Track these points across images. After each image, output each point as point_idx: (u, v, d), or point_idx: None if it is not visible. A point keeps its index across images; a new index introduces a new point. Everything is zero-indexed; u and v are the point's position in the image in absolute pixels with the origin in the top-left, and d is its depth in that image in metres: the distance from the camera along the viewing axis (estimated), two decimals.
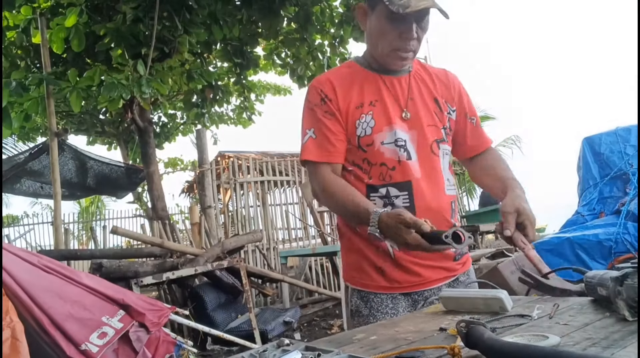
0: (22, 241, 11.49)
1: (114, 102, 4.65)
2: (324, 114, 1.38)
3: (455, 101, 1.47)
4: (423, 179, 1.36)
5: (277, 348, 0.99)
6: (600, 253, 3.72)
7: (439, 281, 1.43)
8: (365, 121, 1.37)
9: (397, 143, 1.36)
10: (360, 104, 1.38)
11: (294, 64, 6.38)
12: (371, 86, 1.41)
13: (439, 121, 1.42)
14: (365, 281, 1.42)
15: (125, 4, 4.59)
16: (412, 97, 1.41)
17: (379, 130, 1.36)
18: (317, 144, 1.37)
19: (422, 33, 1.35)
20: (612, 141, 4.66)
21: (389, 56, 1.38)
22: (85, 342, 2.38)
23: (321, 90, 1.40)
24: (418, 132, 1.38)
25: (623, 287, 0.93)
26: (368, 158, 1.37)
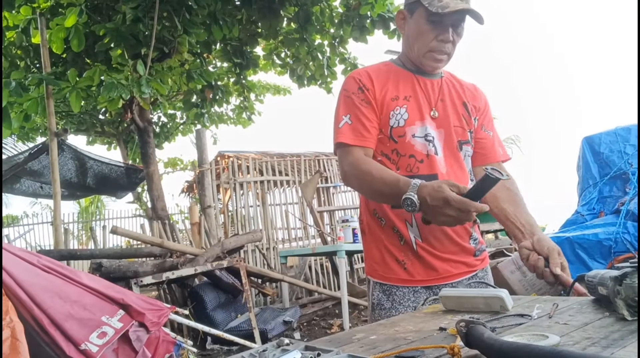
0: (22, 241, 11.50)
1: (114, 102, 4.65)
2: (360, 102, 1.43)
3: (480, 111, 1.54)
4: (449, 174, 1.42)
5: (277, 347, 0.99)
6: (600, 252, 3.73)
7: (459, 276, 1.47)
8: (399, 113, 1.43)
9: (427, 137, 1.42)
10: (396, 96, 1.44)
11: (293, 64, 6.39)
12: (406, 82, 1.47)
13: (466, 124, 1.48)
14: (388, 275, 1.46)
15: (125, 4, 4.58)
16: (442, 98, 1.48)
17: (412, 123, 1.42)
18: (352, 129, 1.42)
19: (458, 38, 1.42)
20: (611, 141, 4.66)
21: (425, 57, 1.44)
22: (85, 342, 2.38)
23: (359, 79, 1.46)
24: (445, 131, 1.44)
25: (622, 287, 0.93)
26: (398, 148, 1.42)
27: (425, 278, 1.44)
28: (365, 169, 1.35)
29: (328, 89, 6.44)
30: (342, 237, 5.18)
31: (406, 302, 1.45)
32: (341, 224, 5.49)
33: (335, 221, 7.02)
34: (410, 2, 1.44)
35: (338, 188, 7.69)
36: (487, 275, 1.57)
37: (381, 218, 1.45)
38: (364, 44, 5.80)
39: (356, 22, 5.67)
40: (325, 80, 6.32)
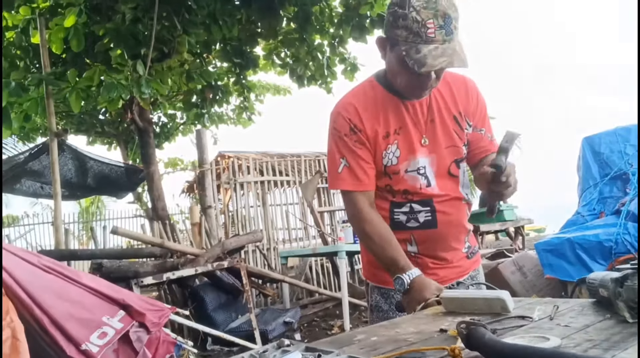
0: (22, 241, 11.49)
1: (114, 102, 4.65)
2: (354, 144, 1.42)
3: (471, 114, 1.49)
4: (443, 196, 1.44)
5: (278, 348, 0.99)
6: (601, 253, 3.72)
7: (454, 279, 1.52)
8: (391, 151, 1.42)
9: (419, 171, 1.43)
10: (387, 133, 1.42)
11: (293, 64, 6.38)
12: (394, 112, 1.43)
13: (459, 140, 1.46)
14: (386, 278, 1.48)
15: (125, 4, 4.58)
16: (432, 118, 1.43)
17: (404, 159, 1.42)
18: (351, 174, 1.42)
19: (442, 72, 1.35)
20: (611, 141, 4.66)
21: (406, 92, 1.40)
22: (86, 342, 2.38)
23: (349, 119, 1.42)
24: (437, 156, 1.43)
25: (623, 289, 0.93)
26: (392, 184, 1.45)
27: None
28: (368, 231, 1.42)
29: (328, 89, 6.43)
30: (342, 237, 5.18)
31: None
32: (342, 224, 5.49)
33: (336, 221, 7.02)
34: (390, 36, 1.32)
35: None
36: (478, 273, 1.59)
37: None
38: (364, 44, 5.79)
39: (356, 22, 5.66)
40: (325, 80, 6.32)
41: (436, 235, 1.46)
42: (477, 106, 1.49)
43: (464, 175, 1.51)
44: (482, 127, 1.51)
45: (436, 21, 1.20)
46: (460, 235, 1.49)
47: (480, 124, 1.51)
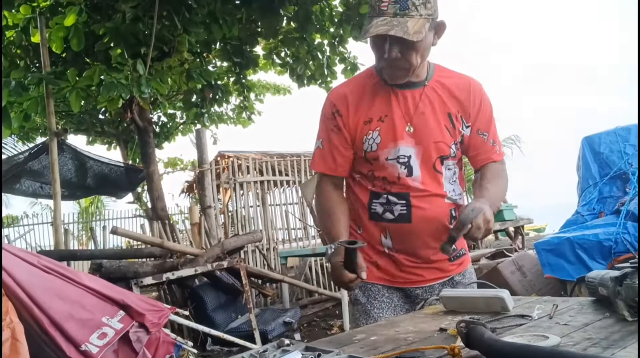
0: (22, 241, 11.49)
1: (114, 102, 4.65)
2: (332, 128, 1.47)
3: (472, 116, 1.47)
4: (423, 190, 1.42)
5: (277, 348, 0.99)
6: (600, 252, 3.72)
7: (433, 281, 1.50)
8: (372, 137, 1.43)
9: (399, 159, 1.42)
10: (369, 119, 1.43)
11: (293, 64, 6.38)
12: (383, 100, 1.44)
13: (450, 137, 1.44)
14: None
15: (125, 3, 4.58)
16: (422, 111, 1.43)
17: (384, 147, 1.42)
18: (322, 156, 1.50)
19: (409, 51, 1.32)
20: (611, 141, 4.66)
21: (382, 73, 1.43)
22: (85, 343, 2.38)
23: (334, 104, 1.48)
24: (424, 148, 1.42)
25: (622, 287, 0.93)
26: (374, 169, 1.45)
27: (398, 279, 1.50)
28: (326, 207, 1.50)
29: (328, 89, 6.42)
30: None
31: (381, 297, 1.51)
32: None
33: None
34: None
35: None
36: (464, 278, 1.55)
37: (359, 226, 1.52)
38: (364, 44, 5.79)
39: (356, 22, 5.66)
40: (325, 79, 6.32)
41: (410, 230, 1.44)
42: (479, 109, 1.47)
43: (453, 175, 1.49)
44: (485, 132, 1.49)
45: None
46: (439, 234, 1.44)
47: (484, 128, 1.48)
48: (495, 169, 1.50)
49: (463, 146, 1.49)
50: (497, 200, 1.42)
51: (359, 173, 1.49)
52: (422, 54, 1.35)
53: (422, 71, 1.43)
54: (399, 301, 1.51)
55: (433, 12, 1.32)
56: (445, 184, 1.46)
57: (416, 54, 1.33)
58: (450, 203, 1.46)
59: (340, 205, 1.50)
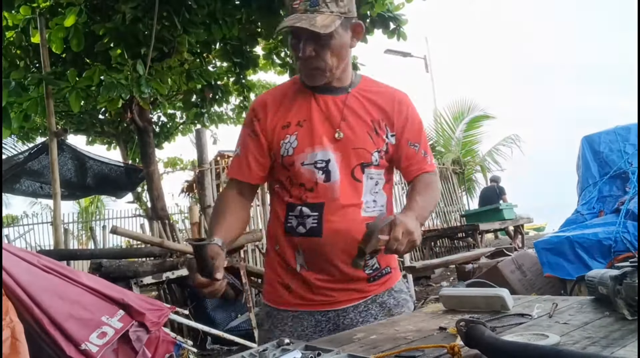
0: (21, 241, 11.49)
1: (114, 102, 4.65)
2: (249, 134, 1.44)
3: (397, 126, 1.42)
4: (339, 201, 1.35)
5: (277, 347, 0.99)
6: (600, 251, 3.73)
7: (347, 303, 1.39)
8: (289, 141, 1.38)
9: (317, 164, 1.36)
10: (287, 124, 1.40)
11: (293, 64, 6.38)
12: (303, 104, 1.41)
13: (373, 144, 1.39)
14: (271, 297, 1.46)
15: (125, 4, 4.58)
16: (345, 118, 1.39)
17: (301, 151, 1.37)
18: (238, 162, 1.45)
19: (324, 49, 1.32)
20: (611, 140, 4.67)
21: (302, 75, 1.40)
22: (85, 342, 2.38)
23: (254, 110, 1.45)
24: (343, 155, 1.37)
25: (622, 286, 0.93)
26: (291, 176, 1.39)
27: (309, 302, 1.39)
28: (217, 208, 1.44)
29: None
30: None
31: (283, 326, 1.41)
32: None
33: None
34: None
35: None
36: (390, 298, 1.43)
37: (277, 243, 1.44)
38: (364, 44, 5.79)
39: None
40: None
41: (321, 245, 1.34)
42: (406, 119, 1.43)
43: (375, 185, 1.41)
44: (416, 143, 1.44)
45: None
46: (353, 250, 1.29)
47: (414, 139, 1.44)
48: (426, 181, 1.44)
49: (388, 155, 1.42)
50: (425, 210, 1.36)
51: (279, 182, 1.43)
52: (338, 54, 1.34)
53: (344, 76, 1.41)
54: (308, 329, 1.40)
55: (346, 10, 1.32)
56: (364, 195, 1.38)
57: (331, 52, 1.32)
58: (368, 217, 1.36)
59: (235, 209, 1.41)
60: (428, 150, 1.48)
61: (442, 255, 8.23)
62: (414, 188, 1.42)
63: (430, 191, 1.42)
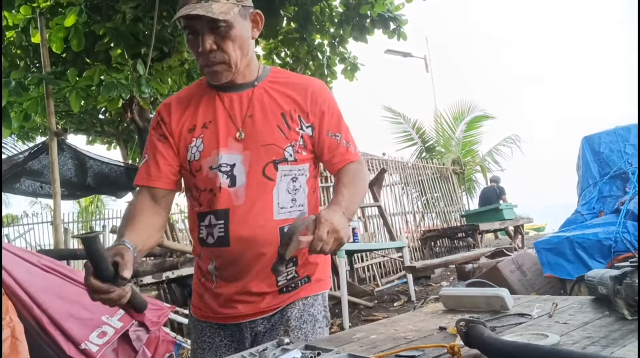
0: (21, 240, 11.49)
1: (114, 101, 4.66)
2: (158, 138, 1.35)
3: (312, 116, 1.33)
4: (246, 205, 1.26)
5: (277, 347, 0.99)
6: (600, 252, 3.73)
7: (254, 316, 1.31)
8: (195, 145, 1.30)
9: (221, 168, 1.27)
10: (193, 126, 1.32)
11: (293, 64, 6.38)
12: (208, 105, 1.33)
13: (284, 139, 1.29)
14: (195, 307, 1.41)
15: (125, 4, 4.58)
16: (251, 114, 1.30)
17: (207, 154, 1.29)
18: (146, 168, 1.34)
19: (224, 41, 1.23)
20: (611, 140, 4.67)
21: (205, 74, 1.30)
22: (85, 341, 2.38)
23: (159, 113, 1.37)
24: (252, 153, 1.28)
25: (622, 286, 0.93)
26: (197, 184, 1.31)
27: (218, 315, 1.34)
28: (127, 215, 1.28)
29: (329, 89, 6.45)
30: None
31: (202, 337, 1.37)
32: None
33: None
34: None
35: None
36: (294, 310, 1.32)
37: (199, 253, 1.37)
38: (364, 44, 5.80)
39: (356, 22, 5.67)
40: (325, 80, 6.32)
41: (229, 255, 1.27)
42: (323, 109, 1.34)
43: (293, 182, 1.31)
44: (337, 133, 1.35)
45: None
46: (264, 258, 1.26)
47: (334, 129, 1.35)
48: (352, 171, 1.34)
49: (307, 149, 1.32)
50: (353, 204, 1.27)
51: (189, 191, 1.36)
52: (240, 45, 1.25)
53: (248, 71, 1.32)
54: (221, 342, 1.34)
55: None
56: (278, 195, 1.28)
57: (233, 43, 1.23)
58: (283, 219, 1.27)
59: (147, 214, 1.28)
60: (350, 139, 1.39)
61: (442, 254, 8.23)
62: (340, 180, 1.33)
63: (357, 182, 1.33)
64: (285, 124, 1.30)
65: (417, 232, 8.76)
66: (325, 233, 1.08)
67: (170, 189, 1.34)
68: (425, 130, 12.91)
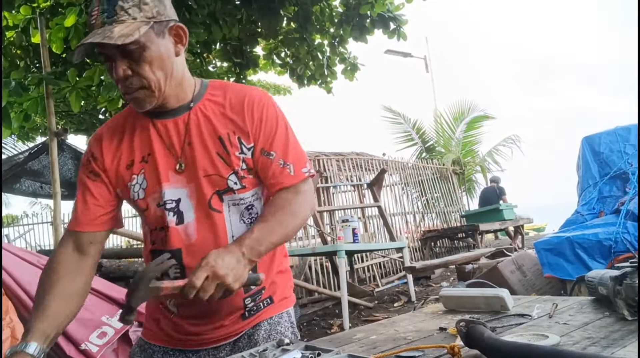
0: (21, 241, 11.51)
1: (114, 101, 4.65)
2: (88, 175, 1.24)
3: (252, 135, 1.19)
4: (198, 243, 1.17)
5: (277, 347, 0.99)
6: (600, 252, 3.73)
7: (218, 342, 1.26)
8: (137, 183, 1.19)
9: (167, 205, 1.18)
10: (131, 162, 1.20)
11: (293, 64, 6.38)
12: (143, 136, 1.20)
13: (226, 167, 1.17)
14: (146, 330, 1.35)
15: None
16: (189, 141, 1.17)
17: (151, 191, 1.19)
18: (75, 211, 1.24)
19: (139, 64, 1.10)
20: (611, 141, 4.68)
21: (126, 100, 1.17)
22: (85, 342, 2.38)
23: (90, 148, 1.26)
24: (196, 186, 1.17)
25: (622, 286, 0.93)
26: (148, 222, 1.23)
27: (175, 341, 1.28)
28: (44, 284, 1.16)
29: (328, 89, 6.44)
30: (342, 237, 5.18)
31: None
32: (341, 224, 5.49)
33: (335, 221, 7.02)
34: None
35: (338, 188, 7.69)
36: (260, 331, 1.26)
37: None
38: (364, 44, 5.80)
39: (356, 22, 5.67)
40: (325, 80, 6.33)
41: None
42: (260, 123, 1.18)
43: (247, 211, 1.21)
44: (271, 151, 1.18)
45: (101, 6, 1.08)
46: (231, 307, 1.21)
47: (268, 146, 1.19)
48: (279, 202, 1.18)
49: (253, 172, 1.20)
50: (264, 241, 1.11)
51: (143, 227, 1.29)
52: (160, 66, 1.11)
53: (181, 92, 1.18)
54: None
55: (154, 14, 1.10)
56: (231, 226, 1.19)
57: (149, 66, 1.10)
58: None
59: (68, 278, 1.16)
60: (290, 157, 1.20)
61: (442, 255, 8.23)
62: (262, 212, 1.20)
63: (282, 216, 1.16)
64: (224, 150, 1.17)
65: (417, 232, 8.76)
66: (202, 279, 0.99)
67: (102, 230, 1.23)
68: (425, 130, 12.92)
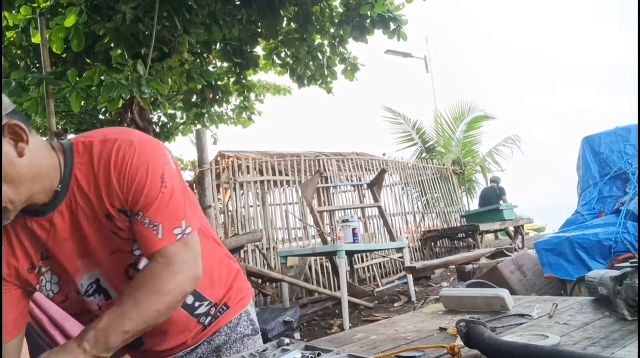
0: None
1: (114, 102, 4.65)
2: None
3: (124, 197, 1.04)
4: None
5: (277, 347, 0.99)
6: (600, 252, 3.73)
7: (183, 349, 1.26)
8: (48, 281, 1.11)
9: (88, 291, 1.12)
10: (31, 265, 1.09)
11: (293, 64, 6.39)
12: (27, 236, 1.08)
13: (124, 241, 1.08)
14: None
15: (125, 4, 4.58)
16: (79, 228, 1.06)
17: (65, 284, 1.12)
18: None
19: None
20: (611, 141, 4.68)
21: None
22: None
23: None
24: (106, 268, 1.10)
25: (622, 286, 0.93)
26: (70, 309, 1.18)
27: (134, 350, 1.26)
28: None
29: (328, 89, 6.45)
30: (342, 237, 5.18)
31: None
32: (341, 224, 5.49)
33: (335, 221, 7.02)
34: None
35: (338, 188, 7.69)
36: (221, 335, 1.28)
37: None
38: (364, 44, 5.80)
39: (356, 22, 5.67)
40: (325, 80, 6.33)
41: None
42: (119, 178, 1.02)
43: None
44: (137, 210, 1.03)
45: None
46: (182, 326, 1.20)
47: (137, 205, 1.03)
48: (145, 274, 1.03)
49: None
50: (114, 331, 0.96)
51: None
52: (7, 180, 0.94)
53: (41, 188, 1.01)
54: None
55: None
56: None
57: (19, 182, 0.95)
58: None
59: None
60: (158, 215, 1.03)
61: (442, 255, 8.24)
62: (123, 290, 1.07)
63: (141, 294, 1.00)
64: (114, 226, 1.06)
65: (417, 232, 8.76)
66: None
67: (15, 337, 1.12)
68: (425, 130, 12.91)
